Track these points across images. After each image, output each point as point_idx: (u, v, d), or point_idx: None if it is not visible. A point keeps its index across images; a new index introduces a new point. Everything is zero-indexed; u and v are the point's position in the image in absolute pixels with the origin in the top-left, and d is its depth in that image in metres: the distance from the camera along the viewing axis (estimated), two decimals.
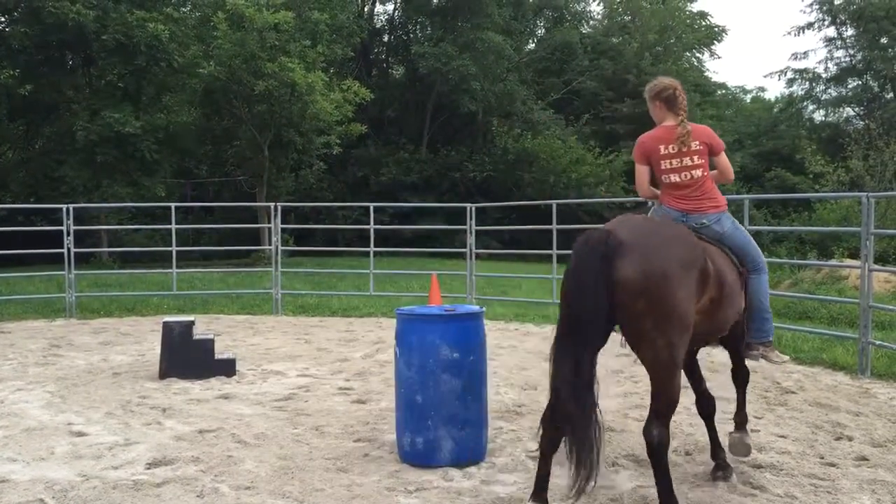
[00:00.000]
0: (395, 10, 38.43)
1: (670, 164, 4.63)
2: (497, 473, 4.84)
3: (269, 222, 13.78)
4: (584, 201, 27.57)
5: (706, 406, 4.97)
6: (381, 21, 39.44)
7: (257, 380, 7.71)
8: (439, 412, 4.86)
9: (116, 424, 5.98)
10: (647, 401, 6.41)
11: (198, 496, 4.43)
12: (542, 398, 6.47)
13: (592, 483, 3.91)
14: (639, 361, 4.26)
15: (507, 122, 35.57)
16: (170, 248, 13.48)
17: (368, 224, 13.69)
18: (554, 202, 12.50)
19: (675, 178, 4.64)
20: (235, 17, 23.86)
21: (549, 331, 10.68)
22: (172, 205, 14.19)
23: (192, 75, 26.06)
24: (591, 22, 44.10)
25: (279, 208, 13.18)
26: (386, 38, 39.31)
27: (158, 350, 7.86)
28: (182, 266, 15.18)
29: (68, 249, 12.48)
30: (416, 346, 4.91)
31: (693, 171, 4.61)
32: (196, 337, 7.81)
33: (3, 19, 26.01)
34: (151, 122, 25.30)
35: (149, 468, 4.92)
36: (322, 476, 4.76)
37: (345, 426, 5.91)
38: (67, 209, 12.59)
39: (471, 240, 12.96)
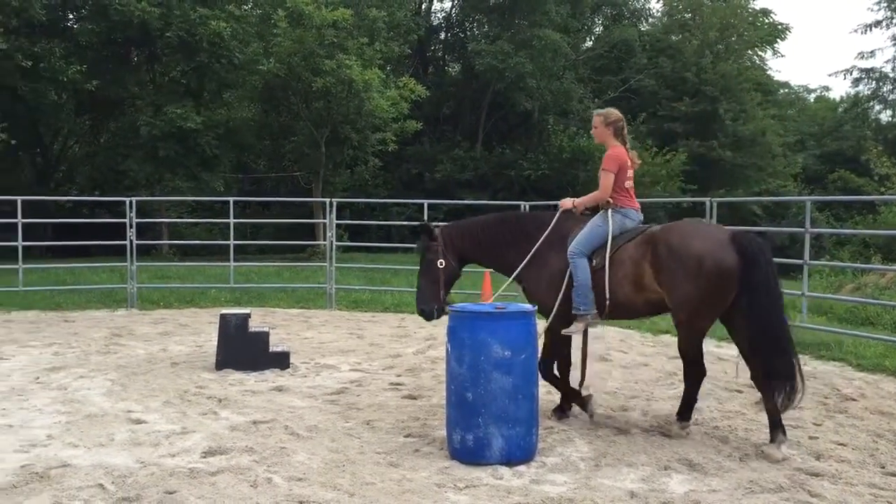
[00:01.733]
0: (452, 7, 38.47)
1: (629, 174, 5.96)
2: (547, 473, 4.82)
3: (325, 217, 13.91)
4: (640, 200, 27.17)
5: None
6: (438, 18, 39.53)
7: (310, 373, 7.81)
8: (489, 410, 4.86)
9: (174, 413, 6.12)
10: (702, 403, 6.34)
11: (251, 486, 4.51)
12: (594, 398, 6.43)
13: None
14: None
15: (562, 121, 35.33)
16: (228, 242, 13.72)
17: (422, 220, 13.73)
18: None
19: (629, 185, 5.97)
20: (295, 15, 24.17)
21: (600, 330, 10.61)
22: (231, 199, 14.45)
23: (252, 72, 26.47)
24: (650, 19, 43.50)
25: (334, 204, 13.31)
26: (443, 36, 39.36)
27: (215, 341, 8.02)
28: (239, 259, 15.45)
29: (130, 241, 12.78)
30: (467, 343, 4.92)
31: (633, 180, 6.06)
32: (252, 329, 7.94)
33: (71, 16, 26.76)
34: (212, 118, 25.79)
35: (204, 457, 5.03)
36: (373, 470, 4.81)
37: (396, 421, 5.95)
38: (130, 202, 12.90)
39: None
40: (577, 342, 6.10)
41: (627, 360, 8.61)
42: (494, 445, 4.89)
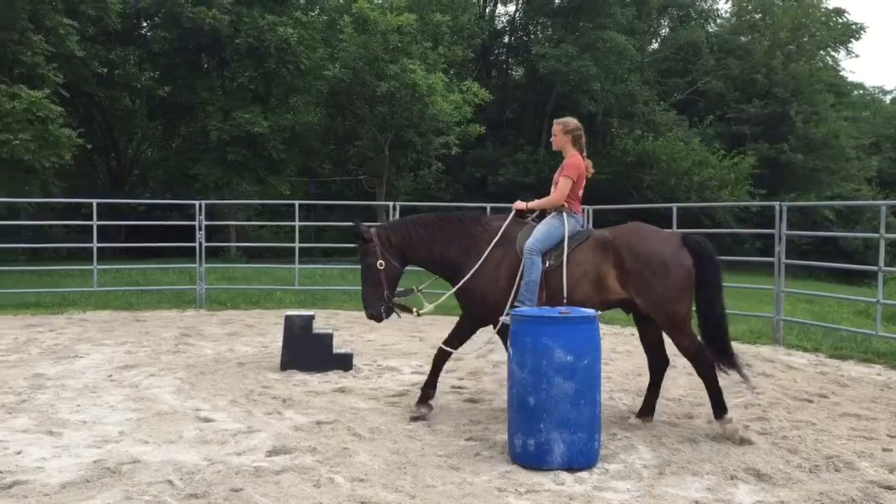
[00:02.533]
0: (516, 11, 38.38)
1: (582, 183, 6.18)
2: (610, 480, 4.77)
3: (387, 221, 14.03)
4: (707, 205, 26.73)
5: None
6: (502, 22, 39.48)
7: (373, 375, 7.87)
8: (551, 415, 4.83)
9: (240, 412, 6.25)
10: (771, 413, 6.20)
11: (314, 485, 4.57)
12: (658, 405, 6.33)
13: None
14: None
15: (627, 124, 34.92)
16: (293, 244, 13.94)
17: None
18: (674, 205, 12.17)
19: (580, 192, 6.20)
20: (360, 21, 24.45)
21: (667, 336, 10.44)
22: (296, 202, 14.67)
23: (318, 77, 26.87)
24: (719, 20, 42.69)
25: (398, 207, 13.41)
26: (506, 39, 39.31)
27: (280, 342, 8.15)
28: (304, 262, 15.65)
29: (200, 243, 13.08)
30: (529, 347, 4.90)
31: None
32: (316, 331, 8.05)
33: (145, 24, 27.57)
34: (279, 123, 26.26)
35: (269, 456, 5.12)
36: (434, 473, 4.82)
37: (457, 424, 5.96)
38: (200, 205, 13.21)
39: None
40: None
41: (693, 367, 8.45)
42: (556, 451, 4.85)
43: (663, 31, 42.19)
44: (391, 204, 13.65)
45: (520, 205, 6.24)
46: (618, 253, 5.76)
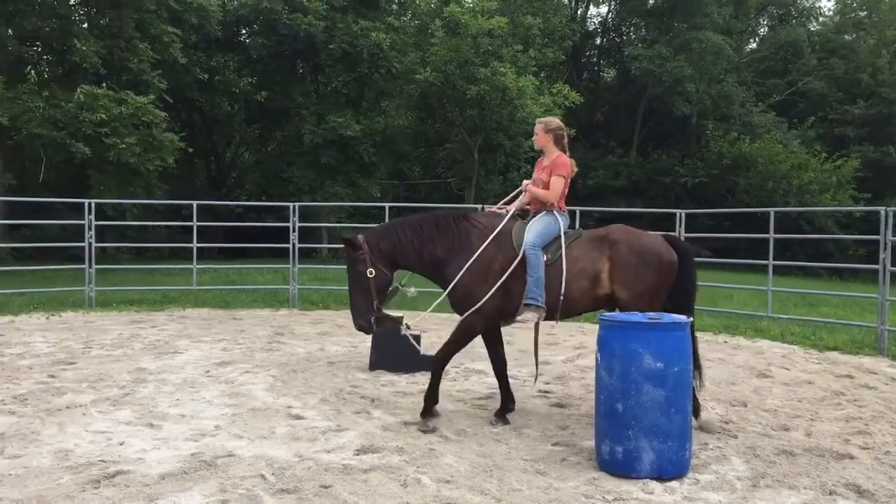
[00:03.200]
0: (608, 12, 37.96)
1: (568, 183, 6.24)
2: (700, 490, 4.65)
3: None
4: (807, 210, 25.79)
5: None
6: (594, 24, 39.13)
7: (459, 377, 7.90)
8: (640, 422, 4.75)
9: (330, 410, 6.37)
10: (873, 427, 5.94)
11: (401, 485, 4.62)
12: (752, 416, 6.17)
13: None
14: None
15: (723, 126, 34.04)
16: None
17: (573, 228, 13.55)
18: (772, 210, 11.81)
19: (566, 191, 6.25)
20: (452, 24, 24.60)
21: (762, 345, 10.14)
22: (386, 204, 14.87)
23: (409, 81, 27.18)
24: (821, 19, 41.16)
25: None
26: (598, 41, 38.89)
27: (369, 343, 8.27)
28: None
29: (293, 244, 13.40)
30: (617, 353, 4.83)
31: None
32: (404, 332, 8.13)
33: (244, 31, 28.44)
34: (370, 126, 26.68)
35: (357, 454, 5.20)
36: (520, 477, 4.81)
37: (543, 429, 5.92)
38: (294, 207, 13.54)
39: None
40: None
41: (790, 377, 8.18)
42: (645, 459, 4.77)
43: (762, 30, 41.00)
44: (480, 207, 13.65)
45: (528, 187, 6.27)
46: (614, 247, 5.89)
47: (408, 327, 6.21)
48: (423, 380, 7.66)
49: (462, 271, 5.84)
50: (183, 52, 23.25)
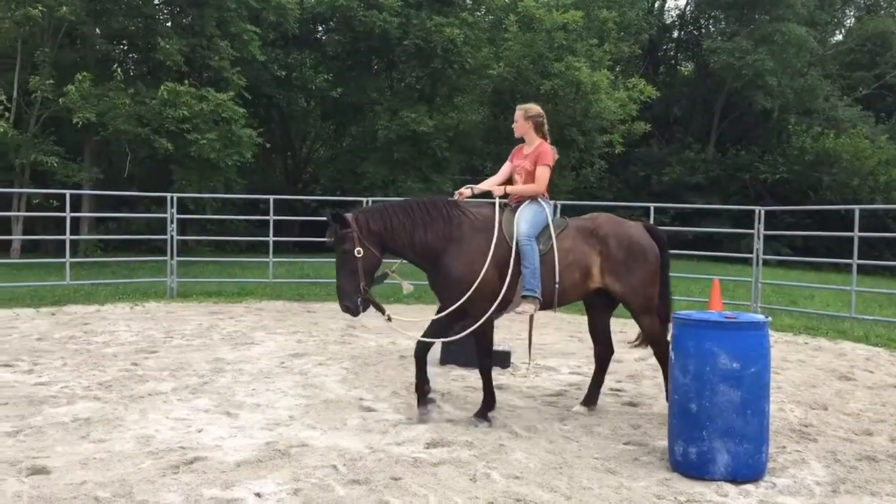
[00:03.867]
0: (686, 4, 37.20)
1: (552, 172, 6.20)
2: (777, 495, 4.54)
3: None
4: (894, 207, 24.80)
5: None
6: (671, 17, 38.41)
7: (530, 374, 7.88)
8: (715, 423, 4.66)
9: (401, 403, 6.43)
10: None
11: (470, 479, 4.63)
12: (833, 420, 5.98)
13: None
14: None
15: (806, 120, 32.98)
16: None
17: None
18: (857, 207, 11.42)
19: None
20: (526, 19, 24.48)
21: (845, 347, 9.81)
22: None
23: (482, 76, 27.16)
24: None
25: (558, 206, 13.33)
26: (675, 34, 38.15)
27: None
28: None
29: None
30: (692, 352, 4.74)
31: None
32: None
33: (320, 28, 28.87)
34: (443, 122, 26.76)
35: (427, 448, 5.24)
36: (590, 475, 4.77)
37: (615, 427, 5.86)
38: (367, 202, 13.67)
39: (758, 245, 12.21)
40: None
41: (874, 381, 7.90)
42: (719, 461, 4.67)
43: (848, 21, 39.59)
44: (552, 203, 13.55)
45: (499, 190, 6.03)
46: (604, 241, 5.91)
47: (389, 319, 5.95)
48: (493, 375, 7.65)
49: (461, 266, 5.69)
50: (261, 50, 23.74)
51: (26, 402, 6.22)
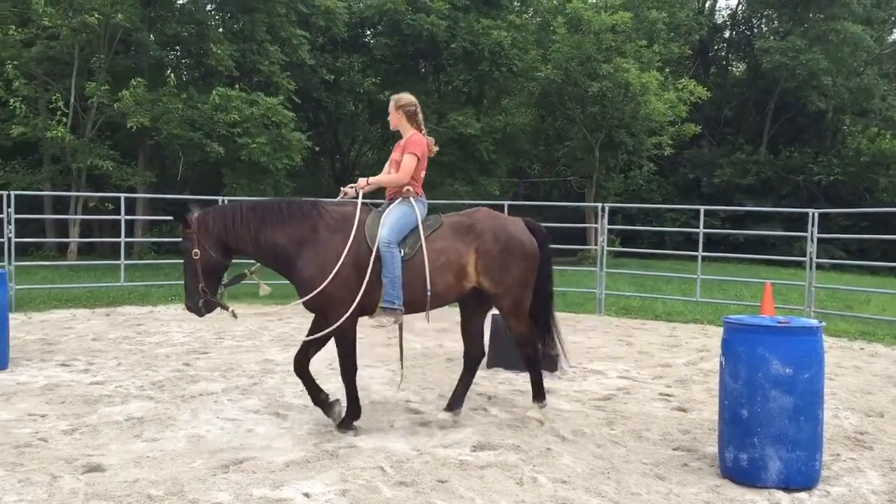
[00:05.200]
0: (738, 4, 36.59)
1: (426, 164, 5.95)
2: (831, 503, 4.44)
3: (597, 222, 13.88)
4: None
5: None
6: (723, 16, 37.80)
7: (577, 377, 7.83)
8: (766, 430, 4.57)
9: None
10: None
11: (517, 483, 4.62)
12: (890, 427, 5.84)
13: None
14: None
15: (861, 121, 32.18)
16: None
17: (697, 227, 13.21)
18: None
19: (423, 174, 5.93)
20: (574, 21, 24.35)
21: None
22: (506, 203, 14.86)
23: (529, 78, 27.08)
24: None
25: (606, 209, 13.22)
26: (727, 34, 37.57)
27: (487, 340, 8.30)
28: None
29: None
30: (743, 357, 4.66)
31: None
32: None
33: (368, 32, 29.08)
34: (490, 124, 26.74)
35: (474, 450, 5.24)
36: (638, 480, 4.72)
37: (664, 433, 5.80)
38: None
39: (811, 248, 11.96)
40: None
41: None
42: (771, 468, 4.59)
43: None
44: (600, 205, 13.47)
45: (362, 182, 5.83)
46: (481, 237, 5.66)
47: (234, 315, 5.85)
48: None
49: (313, 267, 5.40)
50: (310, 54, 24.01)
51: (82, 401, 6.38)
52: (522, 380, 7.58)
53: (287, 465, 4.83)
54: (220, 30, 24.06)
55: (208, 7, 24.12)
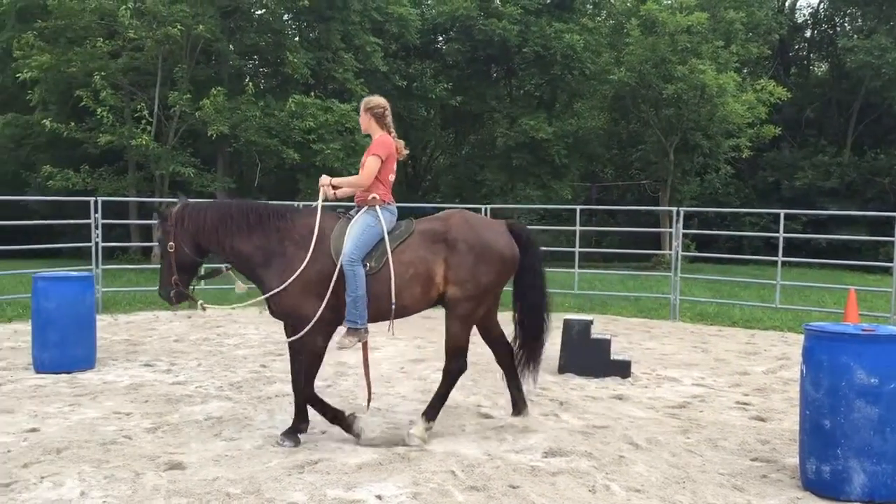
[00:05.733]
0: (819, 2, 35.52)
1: (394, 167, 5.75)
2: None
3: (671, 226, 13.64)
4: None
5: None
6: (804, 15, 36.73)
7: (651, 384, 7.71)
8: (850, 441, 4.43)
9: None
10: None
11: (589, 490, 4.58)
12: None
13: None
14: None
15: None
16: (573, 249, 14.04)
17: (777, 232, 12.86)
18: None
19: (393, 178, 5.75)
20: (648, 23, 24.05)
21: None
22: (577, 207, 14.79)
23: (602, 82, 26.84)
24: None
25: (681, 213, 12.99)
26: (808, 34, 36.49)
27: (558, 346, 8.25)
28: (584, 266, 15.68)
29: None
30: (825, 366, 4.52)
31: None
32: (594, 336, 8.05)
33: (440, 38, 29.28)
34: (562, 128, 26.61)
35: (545, 457, 5.21)
36: (715, 491, 4.63)
37: (741, 442, 5.66)
38: (485, 209, 13.76)
39: None
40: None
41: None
42: (855, 481, 4.43)
43: None
44: (675, 209, 13.23)
45: (325, 179, 5.68)
46: (453, 246, 5.43)
47: (203, 308, 5.80)
48: (612, 384, 7.55)
49: (276, 282, 5.31)
50: (383, 61, 24.32)
51: (164, 401, 6.59)
52: (594, 385, 7.51)
53: (360, 467, 4.90)
54: (297, 39, 24.57)
55: (285, 17, 24.65)
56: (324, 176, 5.76)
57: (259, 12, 23.40)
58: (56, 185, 20.65)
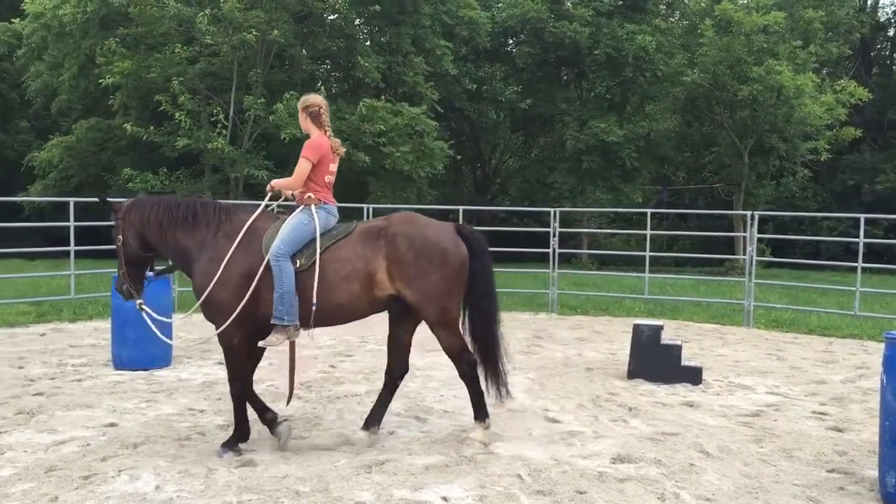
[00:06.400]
0: None
1: (332, 167, 5.64)
2: None
3: (745, 231, 13.34)
4: None
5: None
6: (887, 14, 35.47)
7: (723, 391, 7.55)
8: None
9: (586, 416, 6.37)
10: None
11: (658, 498, 4.52)
12: None
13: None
14: None
15: None
16: (644, 253, 13.85)
17: (857, 237, 12.44)
18: None
19: (331, 179, 5.64)
20: (723, 23, 23.60)
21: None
22: (648, 211, 14.59)
23: (675, 83, 26.43)
24: None
25: (756, 217, 12.68)
26: (891, 32, 35.23)
27: (628, 350, 8.16)
28: (654, 271, 15.49)
29: (553, 249, 13.54)
30: None
31: (335, 175, 5.71)
32: (664, 342, 7.93)
33: (510, 41, 29.25)
34: (633, 131, 26.29)
35: (613, 463, 5.16)
36: (789, 502, 4.51)
37: (817, 453, 5.50)
38: (554, 212, 13.68)
39: None
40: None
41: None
42: None
43: None
44: (749, 213, 12.92)
45: (273, 183, 5.67)
46: (392, 241, 5.27)
47: (141, 309, 5.55)
48: (683, 391, 7.43)
49: (204, 274, 5.23)
50: (453, 64, 24.41)
51: None
52: (664, 392, 7.40)
53: (426, 469, 4.93)
54: (368, 43, 24.86)
55: (357, 21, 24.96)
56: (274, 181, 5.77)
57: (331, 17, 23.77)
58: (136, 188, 21.32)
